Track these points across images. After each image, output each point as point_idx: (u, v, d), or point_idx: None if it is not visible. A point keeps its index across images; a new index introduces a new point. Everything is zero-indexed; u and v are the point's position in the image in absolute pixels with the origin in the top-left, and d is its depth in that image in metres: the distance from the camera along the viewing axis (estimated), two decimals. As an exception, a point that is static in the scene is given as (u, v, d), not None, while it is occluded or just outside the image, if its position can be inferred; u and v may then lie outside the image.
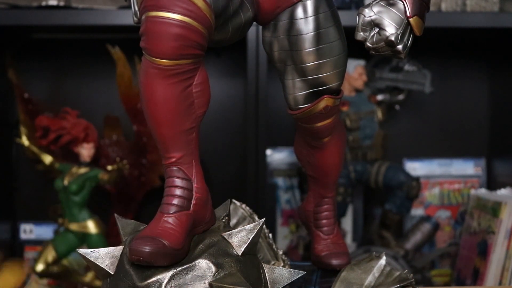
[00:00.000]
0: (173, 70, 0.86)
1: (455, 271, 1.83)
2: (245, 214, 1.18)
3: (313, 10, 0.99)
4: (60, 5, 1.67)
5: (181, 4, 0.84)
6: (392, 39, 0.91)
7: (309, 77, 1.00)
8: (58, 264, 1.76)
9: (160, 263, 0.85)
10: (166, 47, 0.84)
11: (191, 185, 0.92)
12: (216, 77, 2.04)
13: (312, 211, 1.19)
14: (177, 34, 0.84)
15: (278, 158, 2.04)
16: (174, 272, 0.86)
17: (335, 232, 1.17)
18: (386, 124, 1.96)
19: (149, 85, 0.88)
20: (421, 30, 0.95)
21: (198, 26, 0.85)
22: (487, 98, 2.08)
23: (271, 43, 1.02)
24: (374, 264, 0.97)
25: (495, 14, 1.72)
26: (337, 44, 1.00)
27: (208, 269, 0.87)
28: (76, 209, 1.73)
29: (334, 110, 1.04)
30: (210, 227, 0.96)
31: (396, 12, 0.92)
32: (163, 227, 0.88)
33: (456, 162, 2.06)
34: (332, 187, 1.18)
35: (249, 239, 0.91)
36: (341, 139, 1.12)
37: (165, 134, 0.90)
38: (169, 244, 0.86)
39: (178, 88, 0.88)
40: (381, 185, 1.84)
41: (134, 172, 1.88)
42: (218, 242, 0.91)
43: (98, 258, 0.90)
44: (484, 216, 1.69)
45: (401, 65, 1.92)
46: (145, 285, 0.85)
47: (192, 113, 0.91)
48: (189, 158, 0.92)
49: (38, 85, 2.00)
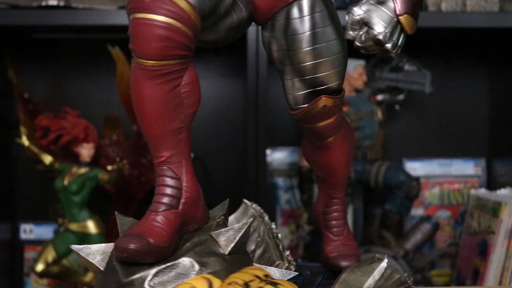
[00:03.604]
0: (159, 70, 0.87)
1: (455, 271, 1.83)
2: (255, 214, 1.18)
3: (309, 10, 0.98)
4: (60, 5, 1.67)
5: (164, 6, 0.85)
6: (379, 38, 0.91)
7: (307, 76, 1.00)
8: (58, 264, 1.76)
9: (144, 260, 0.87)
10: (150, 48, 0.86)
11: (181, 184, 0.93)
12: (216, 77, 2.04)
13: (321, 211, 1.18)
14: (161, 36, 0.85)
15: (278, 158, 2.04)
16: (158, 269, 0.87)
17: (345, 234, 1.16)
18: (386, 124, 1.96)
19: (137, 85, 0.89)
20: (413, 28, 0.93)
21: (182, 27, 0.86)
22: (487, 98, 2.08)
23: (269, 43, 1.02)
24: (375, 267, 0.96)
25: (495, 14, 1.72)
26: (335, 43, 0.99)
27: (191, 267, 0.88)
28: (76, 209, 1.73)
29: (335, 110, 1.03)
30: (202, 226, 0.97)
31: (385, 11, 0.91)
32: (150, 225, 0.89)
33: (456, 162, 2.06)
34: (340, 187, 1.16)
35: (236, 238, 0.92)
36: (347, 139, 1.11)
37: (154, 134, 0.92)
38: (154, 242, 0.87)
39: (165, 89, 0.89)
40: (381, 185, 1.84)
41: (134, 172, 1.88)
42: (205, 241, 0.92)
43: (90, 254, 0.92)
44: (484, 216, 1.69)
45: (401, 65, 1.92)
46: (129, 281, 0.86)
47: (180, 113, 0.92)
48: (178, 158, 0.93)
49: (38, 85, 2.00)
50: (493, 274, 1.61)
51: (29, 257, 1.98)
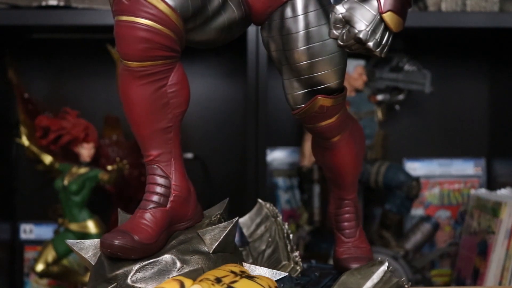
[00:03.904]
0: (143, 71, 0.89)
1: (455, 271, 1.83)
2: (268, 214, 1.18)
3: (302, 9, 0.97)
4: (60, 5, 1.67)
5: (143, 8, 0.87)
6: (359, 37, 0.89)
7: (303, 76, 0.99)
8: (58, 264, 1.76)
9: (128, 256, 0.89)
10: (132, 49, 0.88)
11: (169, 183, 0.95)
12: (216, 77, 2.04)
13: (333, 213, 1.17)
14: (142, 37, 0.87)
15: (278, 158, 2.04)
16: (140, 265, 0.89)
17: (357, 236, 1.14)
18: (386, 124, 1.96)
19: (124, 86, 0.91)
20: (398, 26, 0.91)
21: (162, 29, 0.87)
22: (487, 98, 2.08)
23: (268, 43, 1.02)
24: (375, 270, 0.96)
25: (495, 14, 1.72)
26: (330, 42, 0.97)
27: (173, 264, 0.90)
28: (76, 209, 1.73)
29: (335, 110, 1.02)
30: (194, 224, 0.98)
31: (368, 9, 0.89)
32: (137, 222, 0.92)
33: (456, 162, 2.06)
34: (350, 189, 1.14)
35: (221, 237, 0.93)
36: (353, 139, 1.09)
37: (142, 133, 0.94)
38: (139, 239, 0.89)
39: (150, 89, 0.91)
40: (381, 185, 1.84)
41: (134, 172, 1.88)
42: (191, 238, 0.94)
43: (83, 249, 0.95)
44: (484, 216, 1.69)
45: (401, 65, 1.92)
46: (113, 276, 0.89)
47: (167, 112, 0.93)
48: (167, 157, 0.95)
49: (38, 85, 2.00)
50: (493, 274, 1.61)
51: (29, 257, 1.98)
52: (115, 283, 0.88)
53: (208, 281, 0.81)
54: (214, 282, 0.81)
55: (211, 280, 0.81)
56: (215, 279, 0.81)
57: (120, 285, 0.88)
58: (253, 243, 1.19)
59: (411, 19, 1.73)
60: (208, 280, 0.81)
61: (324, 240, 1.89)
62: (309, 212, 1.85)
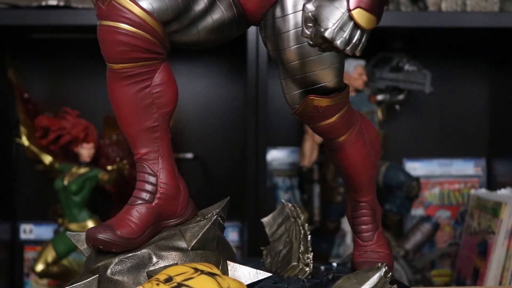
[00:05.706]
0: (124, 73, 0.92)
1: (455, 271, 1.83)
2: (289, 215, 1.18)
3: (292, 8, 0.96)
4: (60, 5, 1.67)
5: (119, 13, 0.90)
6: (324, 35, 0.84)
7: (297, 76, 0.98)
8: (58, 264, 1.76)
9: (109, 249, 0.93)
10: (112, 52, 0.91)
11: (156, 180, 0.98)
12: (216, 77, 2.04)
13: (350, 215, 1.15)
14: (120, 41, 0.90)
15: (278, 158, 2.04)
16: (120, 258, 0.93)
17: (375, 239, 1.12)
18: (386, 124, 1.96)
19: (110, 87, 0.96)
20: (369, 23, 0.85)
21: (139, 32, 0.90)
22: (487, 98, 2.08)
23: (265, 43, 1.02)
24: (371, 276, 0.94)
25: (495, 14, 1.72)
26: None
27: (149, 259, 0.93)
28: (76, 209, 1.73)
29: (333, 109, 1.00)
30: (185, 221, 1.00)
31: (336, 6, 0.84)
32: (122, 217, 0.95)
33: (456, 162, 2.06)
34: (365, 190, 1.12)
35: (199, 234, 0.95)
36: (361, 138, 1.07)
37: (129, 132, 0.97)
38: (121, 233, 0.92)
39: (132, 89, 0.94)
40: (381, 185, 1.84)
41: (134, 172, 1.87)
42: (173, 235, 0.96)
43: (79, 241, 1.00)
44: (484, 216, 1.69)
45: (401, 65, 1.91)
46: (96, 268, 0.93)
47: (153, 112, 0.96)
48: (154, 155, 0.98)
49: (38, 85, 2.00)
50: (493, 274, 1.61)
51: (29, 257, 1.98)
52: (97, 275, 0.92)
53: (153, 281, 0.80)
54: (162, 281, 0.80)
55: (159, 280, 0.80)
56: (164, 279, 0.81)
57: (101, 276, 0.92)
58: (273, 243, 1.19)
59: (411, 19, 1.74)
60: (155, 280, 0.81)
61: (324, 240, 1.89)
62: (309, 212, 1.85)
